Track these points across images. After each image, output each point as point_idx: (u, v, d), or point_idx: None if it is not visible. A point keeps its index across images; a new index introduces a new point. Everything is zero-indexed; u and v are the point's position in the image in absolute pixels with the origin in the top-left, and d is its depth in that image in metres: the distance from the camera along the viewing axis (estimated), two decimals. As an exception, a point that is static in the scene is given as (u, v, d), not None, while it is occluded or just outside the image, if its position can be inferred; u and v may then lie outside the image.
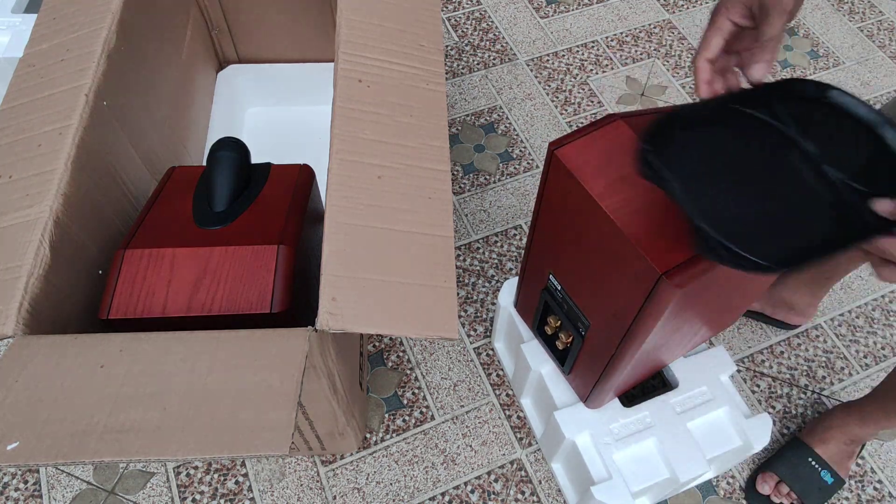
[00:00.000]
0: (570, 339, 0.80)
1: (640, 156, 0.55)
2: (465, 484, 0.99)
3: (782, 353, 1.13)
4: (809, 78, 0.59)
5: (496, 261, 1.20)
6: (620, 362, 0.71)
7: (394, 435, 1.02)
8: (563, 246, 0.71)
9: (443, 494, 0.98)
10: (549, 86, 1.45)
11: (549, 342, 0.88)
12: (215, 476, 0.98)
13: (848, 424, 0.94)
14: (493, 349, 1.10)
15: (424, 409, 1.05)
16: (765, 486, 0.96)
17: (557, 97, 1.43)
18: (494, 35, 1.54)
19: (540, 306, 0.84)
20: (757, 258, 0.49)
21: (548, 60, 1.49)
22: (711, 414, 0.89)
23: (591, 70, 1.48)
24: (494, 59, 1.49)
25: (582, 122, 1.40)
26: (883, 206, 0.54)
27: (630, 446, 0.85)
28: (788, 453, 0.98)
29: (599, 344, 0.73)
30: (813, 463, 0.95)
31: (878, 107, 0.81)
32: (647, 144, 0.55)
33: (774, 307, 1.11)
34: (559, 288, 0.76)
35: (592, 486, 0.82)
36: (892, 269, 0.57)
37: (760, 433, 0.87)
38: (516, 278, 0.94)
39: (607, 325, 0.70)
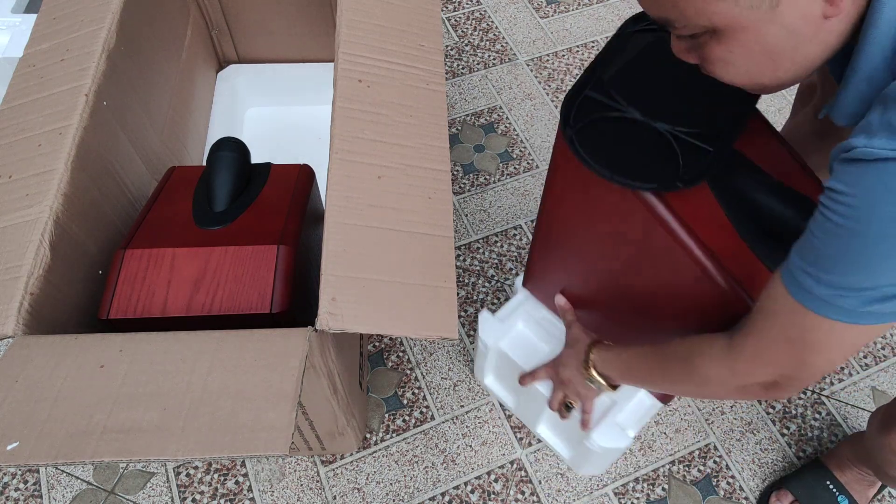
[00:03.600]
0: None
1: (567, 139, 0.63)
2: (465, 484, 0.99)
3: (782, 353, 1.12)
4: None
5: (496, 261, 1.20)
6: (539, 235, 0.81)
7: (394, 435, 1.02)
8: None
9: (443, 494, 0.98)
10: (549, 86, 1.45)
11: None
12: (215, 476, 0.98)
13: (856, 461, 0.93)
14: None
15: (424, 409, 1.05)
16: None
17: (557, 97, 1.43)
18: (494, 35, 1.54)
19: None
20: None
21: (548, 60, 1.49)
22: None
23: (591, 70, 1.48)
24: (494, 59, 1.49)
25: (582, 122, 1.39)
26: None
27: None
28: (807, 474, 0.96)
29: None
30: (831, 487, 0.94)
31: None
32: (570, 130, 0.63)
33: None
34: None
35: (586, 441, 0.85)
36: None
37: None
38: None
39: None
